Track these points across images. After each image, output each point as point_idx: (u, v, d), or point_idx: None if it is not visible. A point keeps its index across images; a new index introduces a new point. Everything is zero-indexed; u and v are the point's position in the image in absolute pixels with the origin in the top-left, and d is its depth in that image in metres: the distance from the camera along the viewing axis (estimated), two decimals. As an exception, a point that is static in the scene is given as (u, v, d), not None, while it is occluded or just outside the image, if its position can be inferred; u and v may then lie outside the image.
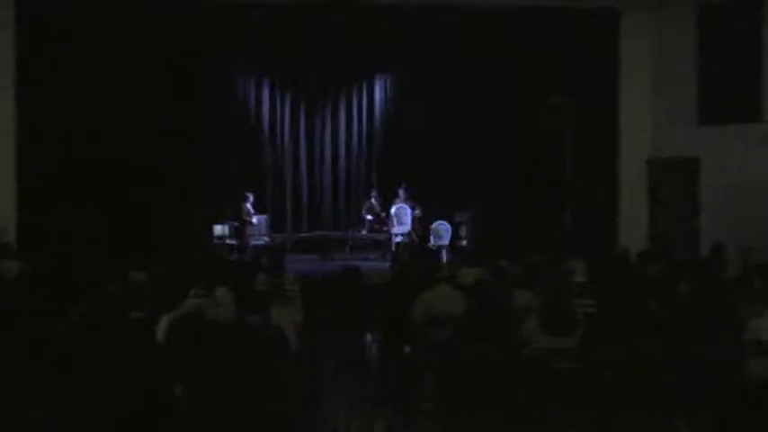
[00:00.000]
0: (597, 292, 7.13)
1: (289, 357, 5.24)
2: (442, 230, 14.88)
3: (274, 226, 15.75)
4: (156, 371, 4.62)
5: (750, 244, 9.89)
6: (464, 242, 14.77)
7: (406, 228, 14.90)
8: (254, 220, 14.99)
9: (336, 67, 15.46)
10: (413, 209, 15.00)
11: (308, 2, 13.78)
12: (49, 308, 5.84)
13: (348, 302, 7.61)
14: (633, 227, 14.38)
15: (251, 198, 14.91)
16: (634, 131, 14.67)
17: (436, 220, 14.97)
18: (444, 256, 14.09)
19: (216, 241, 14.58)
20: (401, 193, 15.10)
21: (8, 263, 8.99)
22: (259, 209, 15.31)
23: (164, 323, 5.48)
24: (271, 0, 13.87)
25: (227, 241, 14.79)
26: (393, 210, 15.02)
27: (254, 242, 14.80)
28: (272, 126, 16.37)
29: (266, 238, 15.09)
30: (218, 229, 14.72)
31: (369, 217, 15.55)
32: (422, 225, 15.10)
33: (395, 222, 14.97)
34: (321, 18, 14.05)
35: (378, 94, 16.61)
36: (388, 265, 13.37)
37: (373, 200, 15.62)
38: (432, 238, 14.86)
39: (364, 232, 15.61)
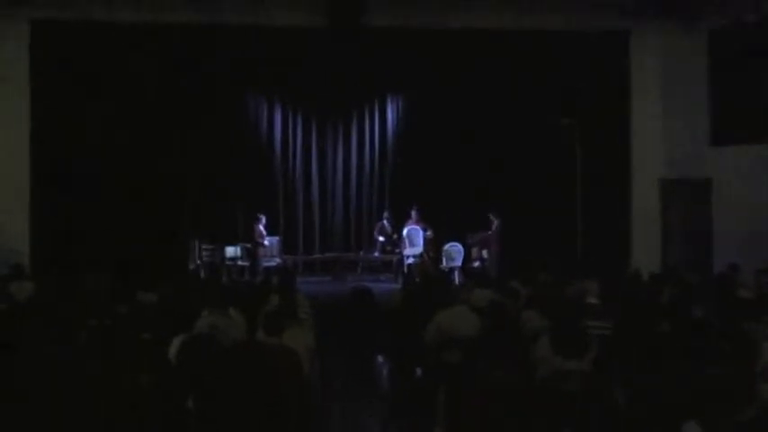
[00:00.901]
0: (610, 314, 7.09)
1: (300, 379, 5.21)
2: (454, 252, 14.86)
3: (286, 247, 15.77)
4: (167, 391, 4.62)
5: (763, 265, 9.84)
6: (476, 263, 14.74)
7: (418, 249, 14.90)
8: (266, 241, 15.02)
9: (348, 88, 15.54)
10: (425, 230, 15.01)
11: (319, 25, 13.83)
12: (61, 329, 5.84)
13: (359, 324, 7.59)
14: (645, 248, 14.32)
15: (263, 220, 14.94)
16: (646, 152, 14.64)
17: (448, 241, 14.96)
18: (456, 278, 14.07)
19: (228, 262, 14.61)
20: (413, 214, 15.13)
21: (21, 284, 9.05)
22: (271, 230, 15.34)
23: (176, 343, 5.48)
24: (281, 23, 13.92)
25: (239, 263, 14.82)
26: (405, 231, 15.05)
27: (265, 264, 14.82)
28: (284, 148, 16.47)
29: (278, 260, 15.12)
30: (230, 251, 14.77)
31: (381, 238, 15.57)
32: (434, 246, 15.09)
33: (407, 244, 14.98)
34: (332, 40, 14.11)
35: (389, 116, 16.68)
36: (399, 286, 13.35)
37: (385, 221, 15.64)
38: (444, 259, 14.84)
39: (376, 254, 15.62)
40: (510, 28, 14.25)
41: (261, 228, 14.90)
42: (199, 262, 14.59)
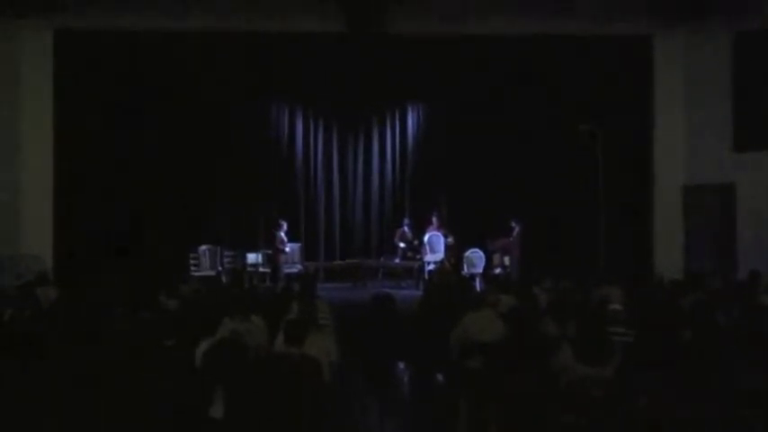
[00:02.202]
0: (633, 321, 7.05)
1: (321, 385, 5.22)
2: (475, 258, 14.83)
3: (307, 254, 15.79)
4: (190, 396, 4.64)
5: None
6: (498, 270, 14.70)
7: (439, 255, 14.87)
8: (287, 248, 15.05)
9: (369, 96, 15.53)
10: (446, 237, 14.97)
11: (340, 32, 13.87)
12: (85, 335, 5.88)
13: (380, 330, 7.58)
14: (668, 254, 14.21)
15: (285, 226, 14.97)
16: (669, 158, 14.55)
17: (469, 247, 14.93)
18: (478, 284, 14.02)
19: (249, 269, 14.65)
20: (434, 220, 15.11)
21: (45, 290, 9.12)
22: (292, 237, 15.38)
23: (202, 348, 5.50)
24: (302, 31, 13.97)
25: (261, 269, 14.86)
26: (426, 237, 15.03)
27: (286, 270, 14.86)
28: (305, 155, 16.47)
29: (299, 266, 15.14)
30: (252, 258, 14.81)
31: (401, 244, 15.54)
32: (455, 253, 15.06)
33: (428, 250, 14.95)
34: (353, 48, 14.13)
35: (410, 123, 16.65)
36: (420, 292, 13.33)
37: (406, 227, 15.62)
38: (465, 266, 14.81)
39: (397, 260, 15.59)
40: (531, 34, 14.20)
41: (282, 234, 14.93)
42: (220, 268, 14.65)
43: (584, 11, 13.91)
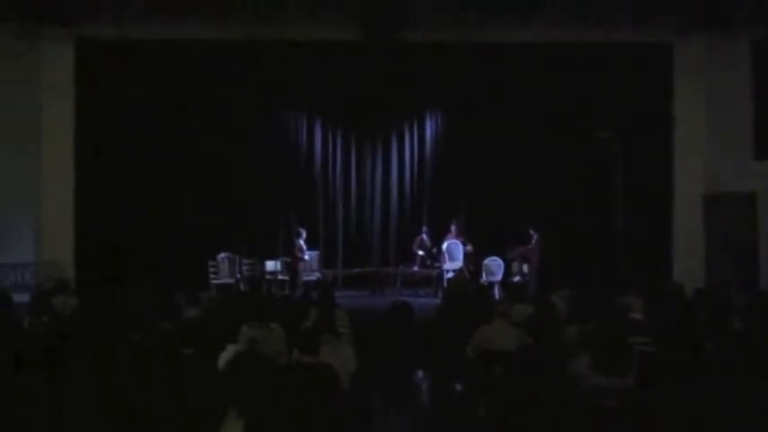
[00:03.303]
0: (653, 330, 7.01)
1: (339, 395, 5.22)
2: (493, 266, 14.81)
3: (326, 261, 15.82)
4: (209, 406, 4.64)
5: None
6: (517, 278, 14.67)
7: (458, 263, 14.85)
8: (306, 255, 15.08)
9: (387, 104, 15.55)
10: (464, 244, 14.96)
11: (358, 40, 13.91)
12: (104, 344, 5.91)
13: (399, 338, 7.58)
14: (689, 263, 14.11)
15: (304, 234, 15.02)
16: (689, 166, 14.48)
17: (489, 255, 14.90)
18: (497, 293, 14.00)
19: (268, 276, 14.69)
20: (452, 228, 15.10)
21: (64, 299, 9.16)
22: (311, 245, 15.42)
23: (225, 356, 5.50)
24: (320, 39, 14.02)
25: (279, 277, 14.90)
26: (444, 245, 15.02)
27: (305, 278, 14.89)
28: (324, 163, 16.51)
29: (317, 274, 15.17)
30: (270, 265, 14.85)
31: (420, 252, 15.54)
32: (474, 261, 15.04)
33: (446, 258, 14.95)
34: (371, 56, 14.17)
35: (428, 131, 16.65)
36: (439, 300, 13.30)
37: (424, 235, 15.62)
38: (484, 274, 14.78)
39: (415, 268, 15.58)
40: (550, 41, 14.20)
41: (301, 242, 14.97)
42: (239, 276, 14.70)
43: (605, 18, 13.87)
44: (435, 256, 15.32)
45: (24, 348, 5.66)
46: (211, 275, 14.47)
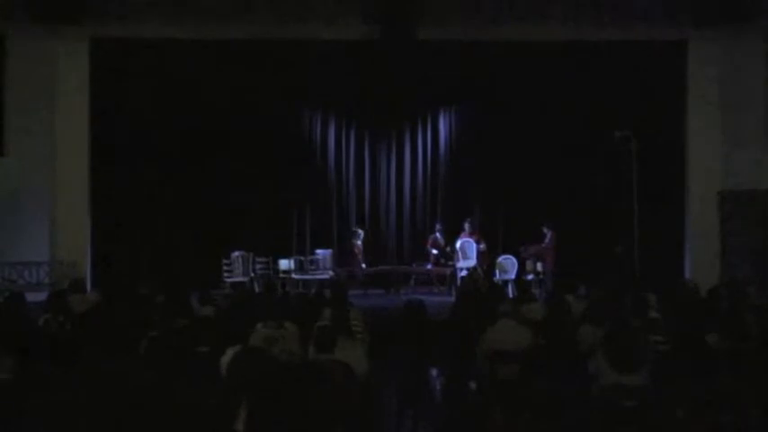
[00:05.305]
0: (668, 328, 6.98)
1: (354, 394, 5.22)
2: (507, 265, 14.77)
3: (339, 260, 15.82)
4: (219, 405, 4.64)
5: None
6: (530, 276, 14.64)
7: (472, 262, 14.83)
8: (320, 254, 15.10)
9: (400, 102, 15.52)
10: (478, 243, 14.94)
11: (372, 38, 13.90)
12: (118, 341, 5.92)
13: (412, 337, 7.57)
14: (704, 261, 14.05)
15: (362, 234, 15.32)
16: (704, 163, 14.40)
17: (502, 254, 14.88)
18: (510, 291, 13.97)
19: (282, 275, 14.71)
20: (466, 226, 15.07)
21: (80, 297, 9.20)
22: (324, 243, 15.44)
23: (228, 356, 5.50)
24: (334, 36, 14.02)
25: (293, 275, 14.91)
26: (458, 244, 15.00)
27: (318, 276, 14.90)
28: (338, 161, 16.52)
29: (330, 273, 15.17)
30: (284, 264, 14.87)
31: (434, 251, 15.53)
32: (487, 259, 15.02)
33: (460, 256, 14.92)
34: (385, 54, 14.15)
35: (442, 129, 16.63)
36: (453, 299, 13.28)
37: (438, 234, 15.60)
38: (497, 272, 14.75)
39: (429, 266, 15.57)
40: (564, 39, 14.15)
41: (359, 242, 15.26)
42: (253, 274, 14.72)
43: (619, 16, 13.83)
44: (449, 255, 15.30)
45: (39, 346, 5.69)
46: (225, 273, 14.50)
